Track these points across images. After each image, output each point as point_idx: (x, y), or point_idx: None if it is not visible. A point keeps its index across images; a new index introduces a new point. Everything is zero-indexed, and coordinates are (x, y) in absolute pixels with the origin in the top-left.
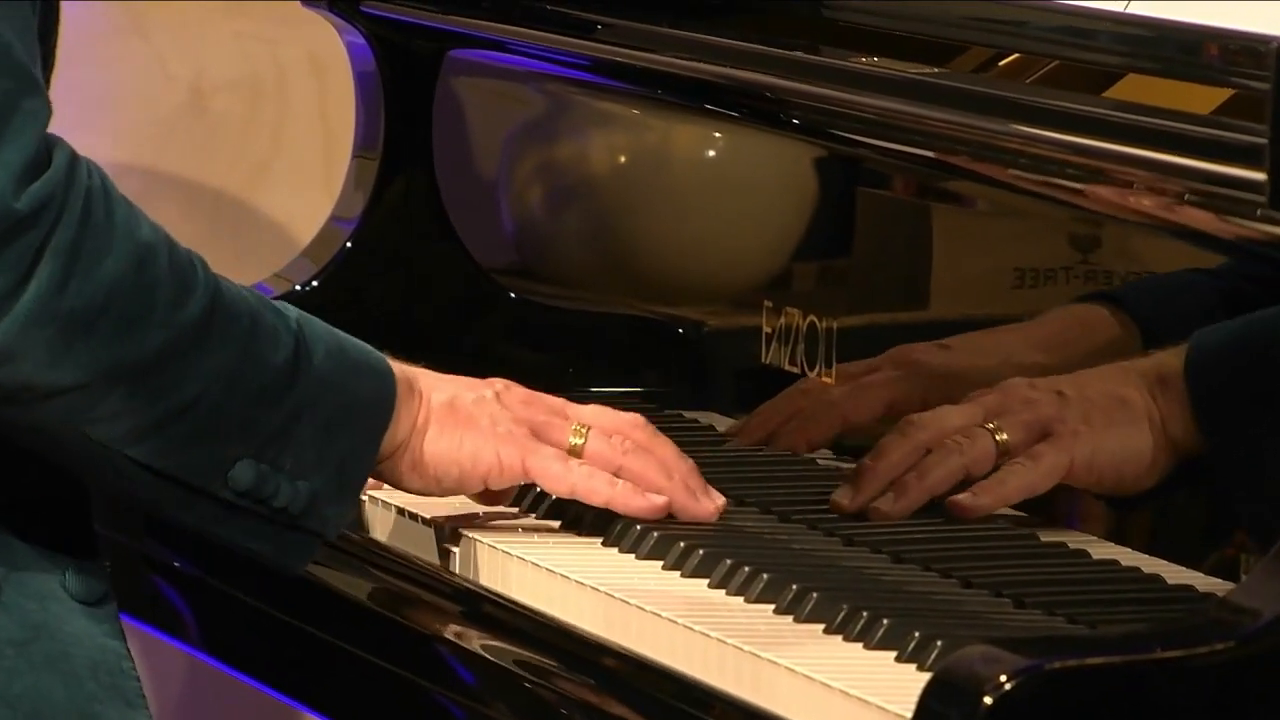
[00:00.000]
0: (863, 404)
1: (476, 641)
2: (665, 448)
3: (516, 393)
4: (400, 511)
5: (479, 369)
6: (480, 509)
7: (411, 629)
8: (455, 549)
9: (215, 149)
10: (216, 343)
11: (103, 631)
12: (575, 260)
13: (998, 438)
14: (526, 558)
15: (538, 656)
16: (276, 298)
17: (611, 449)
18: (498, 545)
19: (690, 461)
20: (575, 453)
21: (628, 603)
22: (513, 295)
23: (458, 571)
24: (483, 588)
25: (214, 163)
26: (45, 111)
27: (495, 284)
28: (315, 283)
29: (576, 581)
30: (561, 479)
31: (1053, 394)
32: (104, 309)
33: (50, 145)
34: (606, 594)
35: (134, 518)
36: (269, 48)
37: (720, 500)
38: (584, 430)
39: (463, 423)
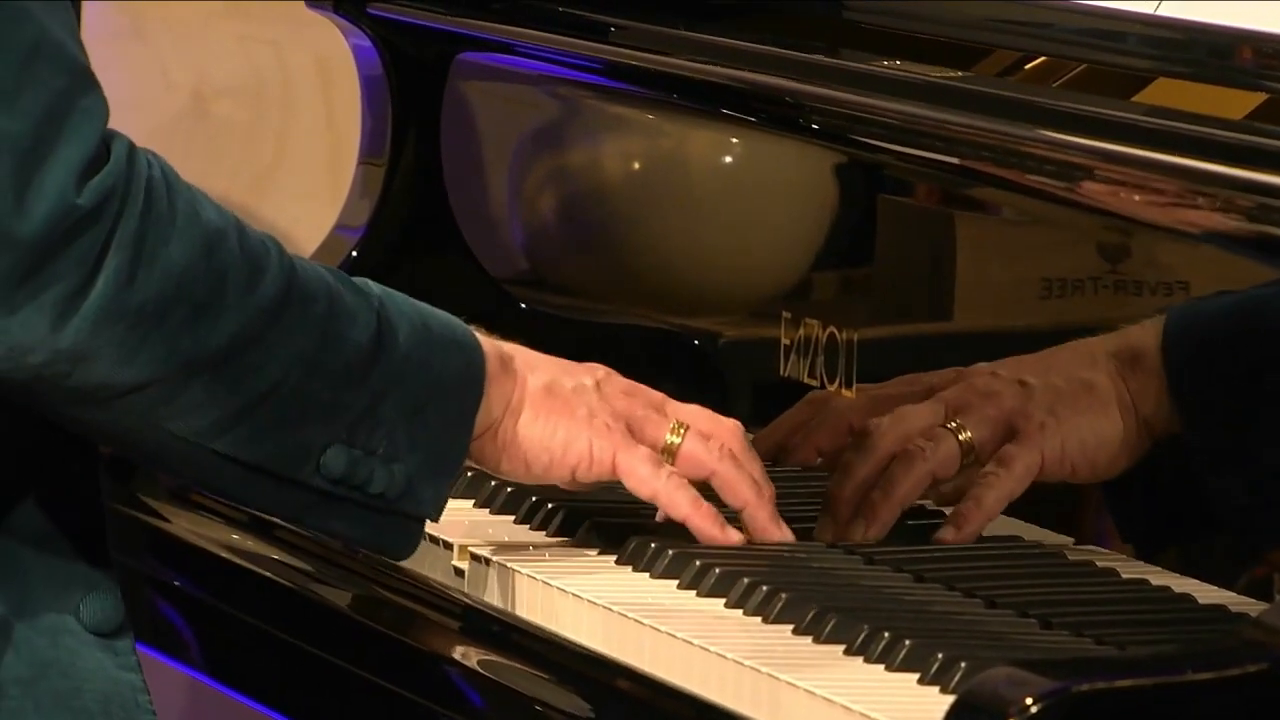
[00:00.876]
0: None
1: (486, 663)
2: (756, 464)
3: (617, 382)
4: None
5: None
6: (490, 526)
7: (421, 650)
8: (465, 567)
9: (217, 156)
10: (295, 324)
11: (117, 664)
12: (588, 270)
13: (961, 437)
14: (537, 576)
15: (549, 678)
16: None
17: (707, 452)
18: (508, 564)
19: (773, 488)
20: (670, 451)
21: (642, 623)
22: (523, 306)
23: (467, 591)
24: (493, 608)
25: (216, 170)
26: (103, 107)
27: (506, 294)
28: None
29: (589, 601)
30: (647, 482)
31: (1015, 384)
32: (175, 298)
33: (108, 139)
34: (620, 614)
35: (133, 537)
36: (273, 51)
37: (789, 535)
38: (681, 429)
39: (559, 409)
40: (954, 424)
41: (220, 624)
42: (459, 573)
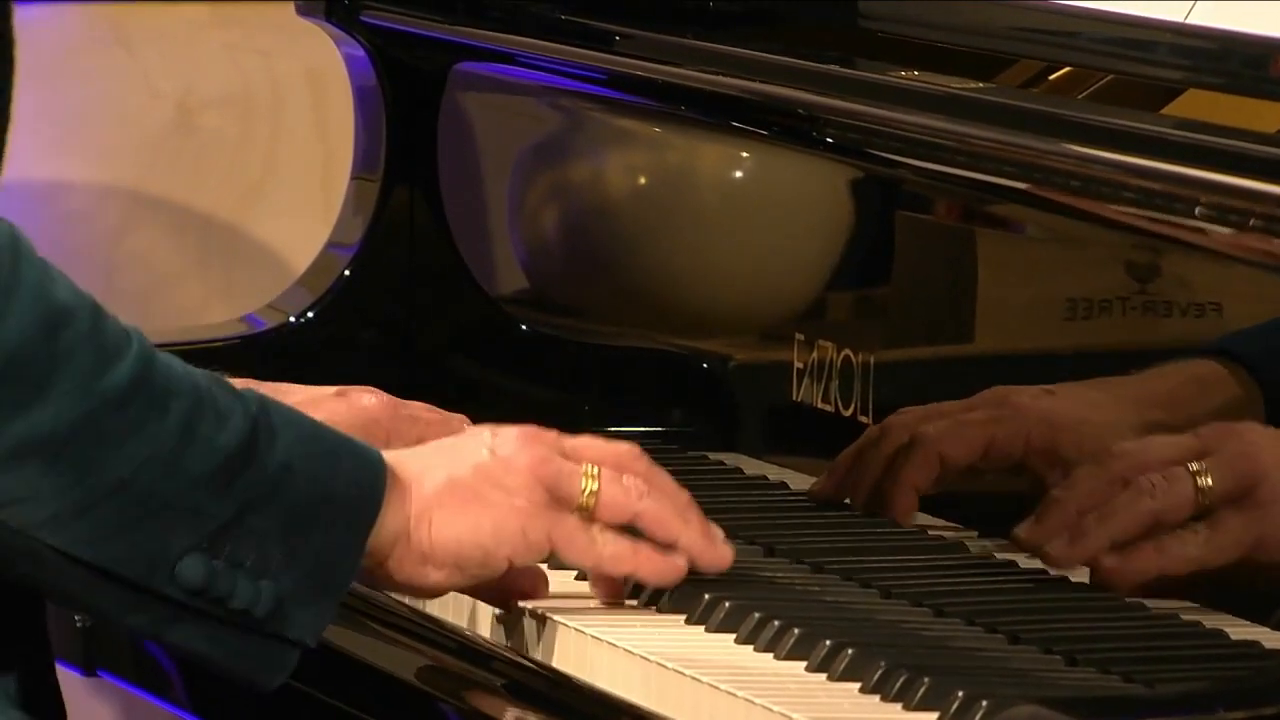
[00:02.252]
0: (961, 443)
1: (487, 705)
2: (665, 479)
3: (507, 440)
4: None
5: (487, 407)
6: None
7: (422, 690)
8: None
9: (204, 170)
10: (149, 417)
11: None
12: (591, 290)
13: (1200, 482)
14: (534, 611)
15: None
16: (270, 329)
17: (626, 494)
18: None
19: (687, 493)
20: (587, 504)
21: (648, 659)
22: (524, 327)
23: (465, 627)
24: (495, 648)
25: (203, 185)
26: None
27: (505, 315)
28: (311, 314)
29: (593, 637)
30: (587, 552)
31: (1271, 438)
32: (3, 376)
33: None
34: (625, 650)
35: None
36: (262, 61)
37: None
38: (594, 474)
39: (473, 501)
40: (1196, 466)
41: None
42: (448, 608)
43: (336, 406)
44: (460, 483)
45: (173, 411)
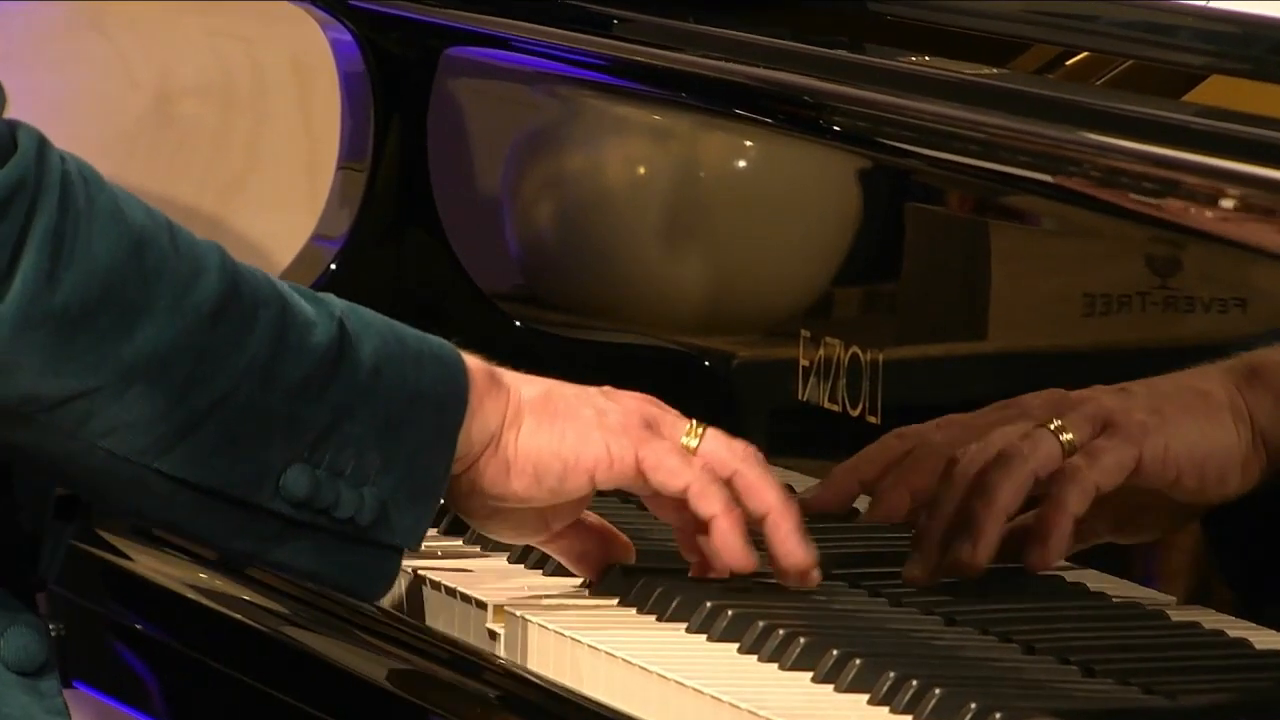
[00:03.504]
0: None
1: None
2: (777, 486)
3: (625, 393)
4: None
5: None
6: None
7: (405, 699)
8: (428, 593)
9: (184, 161)
10: (241, 330)
11: (44, 707)
12: (588, 285)
13: (1062, 437)
14: (532, 619)
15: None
16: None
17: (730, 451)
18: (490, 602)
19: (797, 506)
20: (689, 447)
21: (648, 670)
22: (518, 324)
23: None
24: (475, 653)
25: (182, 176)
26: None
27: (499, 311)
28: None
29: (589, 646)
30: (678, 474)
31: (1115, 389)
32: (101, 300)
33: (13, 129)
34: (624, 660)
35: (91, 576)
36: (244, 47)
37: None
38: (700, 429)
39: (563, 414)
40: (1054, 425)
41: (186, 671)
42: (419, 602)
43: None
44: (558, 396)
45: (261, 321)
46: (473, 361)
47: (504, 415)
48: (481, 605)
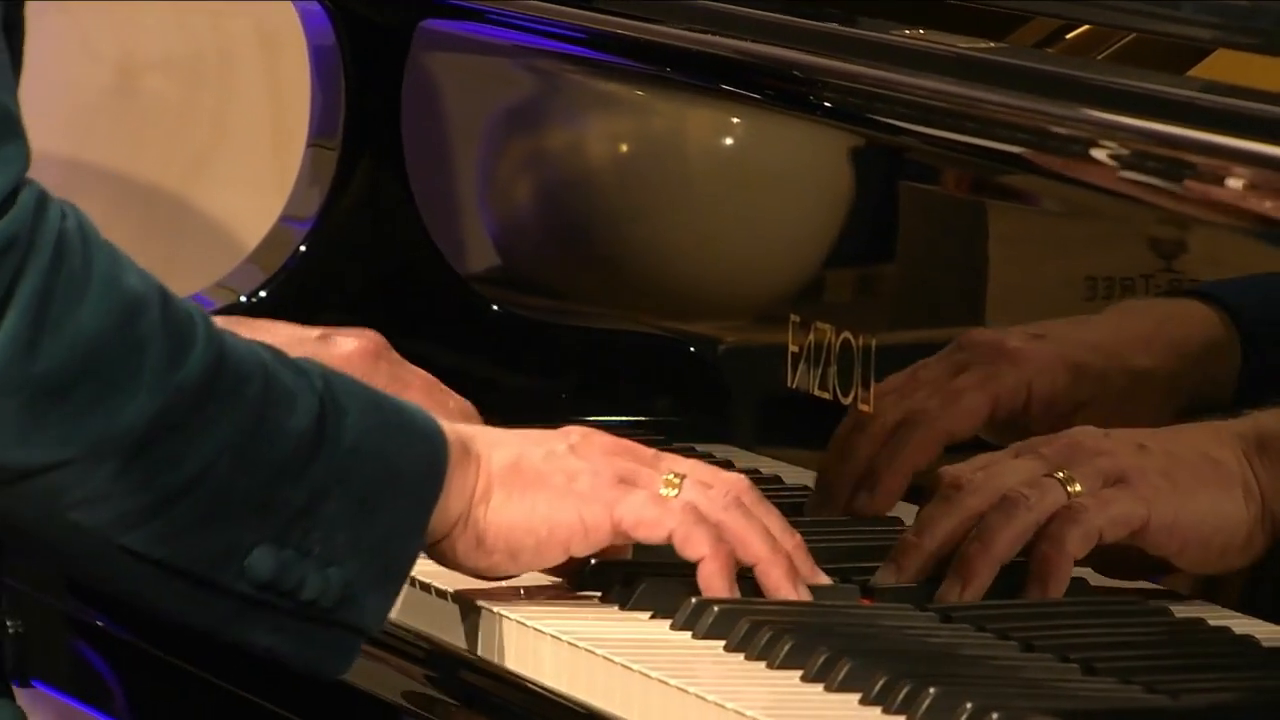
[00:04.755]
0: (964, 414)
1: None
2: (772, 515)
3: (596, 441)
4: None
5: (457, 393)
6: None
7: (378, 698)
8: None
9: (146, 138)
10: (222, 409)
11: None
12: (569, 268)
13: (1070, 489)
14: (510, 616)
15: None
16: (218, 310)
17: (710, 501)
18: (474, 599)
19: (798, 537)
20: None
21: (630, 668)
22: (496, 308)
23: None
24: (444, 645)
25: (145, 154)
26: (19, 156)
27: (476, 295)
28: (263, 293)
29: (569, 643)
30: (659, 524)
31: (1131, 444)
32: (82, 371)
33: (17, 186)
34: (605, 658)
35: (49, 573)
36: (210, 20)
37: (807, 595)
38: (678, 480)
39: (533, 483)
40: (1061, 474)
41: (149, 670)
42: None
43: (316, 350)
44: (524, 465)
45: (245, 400)
46: (448, 430)
47: (473, 489)
48: (443, 595)
